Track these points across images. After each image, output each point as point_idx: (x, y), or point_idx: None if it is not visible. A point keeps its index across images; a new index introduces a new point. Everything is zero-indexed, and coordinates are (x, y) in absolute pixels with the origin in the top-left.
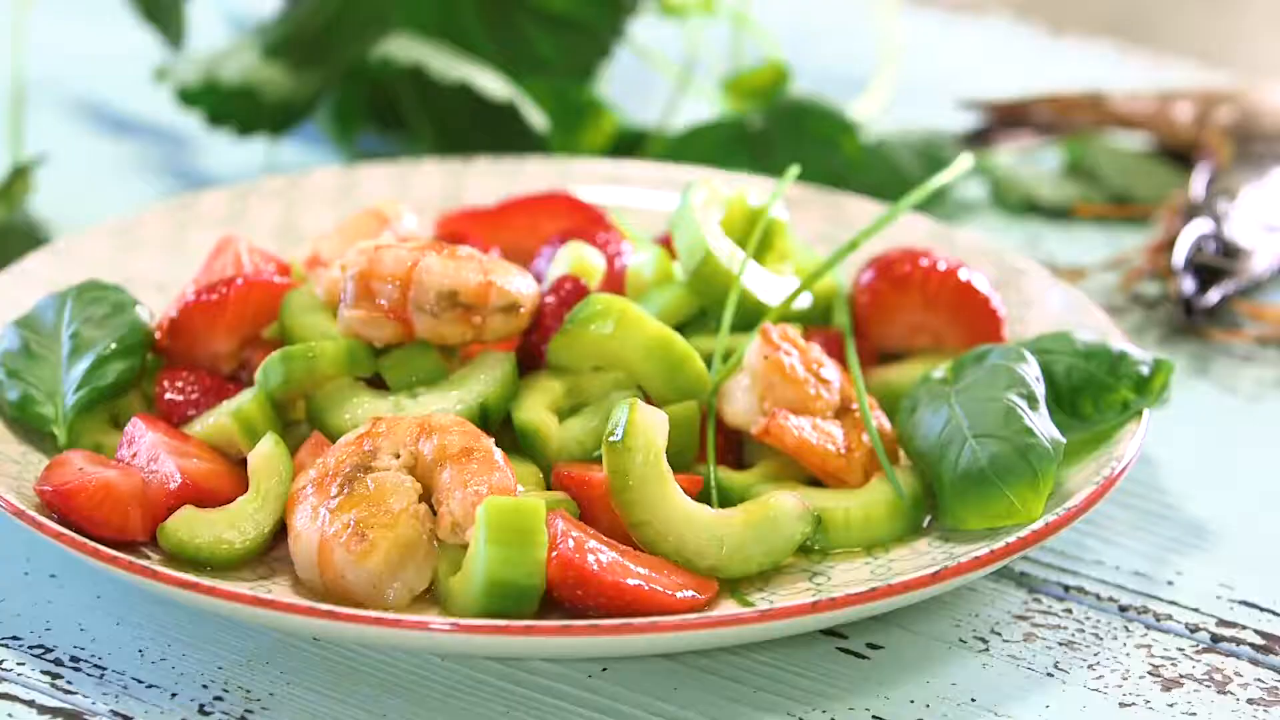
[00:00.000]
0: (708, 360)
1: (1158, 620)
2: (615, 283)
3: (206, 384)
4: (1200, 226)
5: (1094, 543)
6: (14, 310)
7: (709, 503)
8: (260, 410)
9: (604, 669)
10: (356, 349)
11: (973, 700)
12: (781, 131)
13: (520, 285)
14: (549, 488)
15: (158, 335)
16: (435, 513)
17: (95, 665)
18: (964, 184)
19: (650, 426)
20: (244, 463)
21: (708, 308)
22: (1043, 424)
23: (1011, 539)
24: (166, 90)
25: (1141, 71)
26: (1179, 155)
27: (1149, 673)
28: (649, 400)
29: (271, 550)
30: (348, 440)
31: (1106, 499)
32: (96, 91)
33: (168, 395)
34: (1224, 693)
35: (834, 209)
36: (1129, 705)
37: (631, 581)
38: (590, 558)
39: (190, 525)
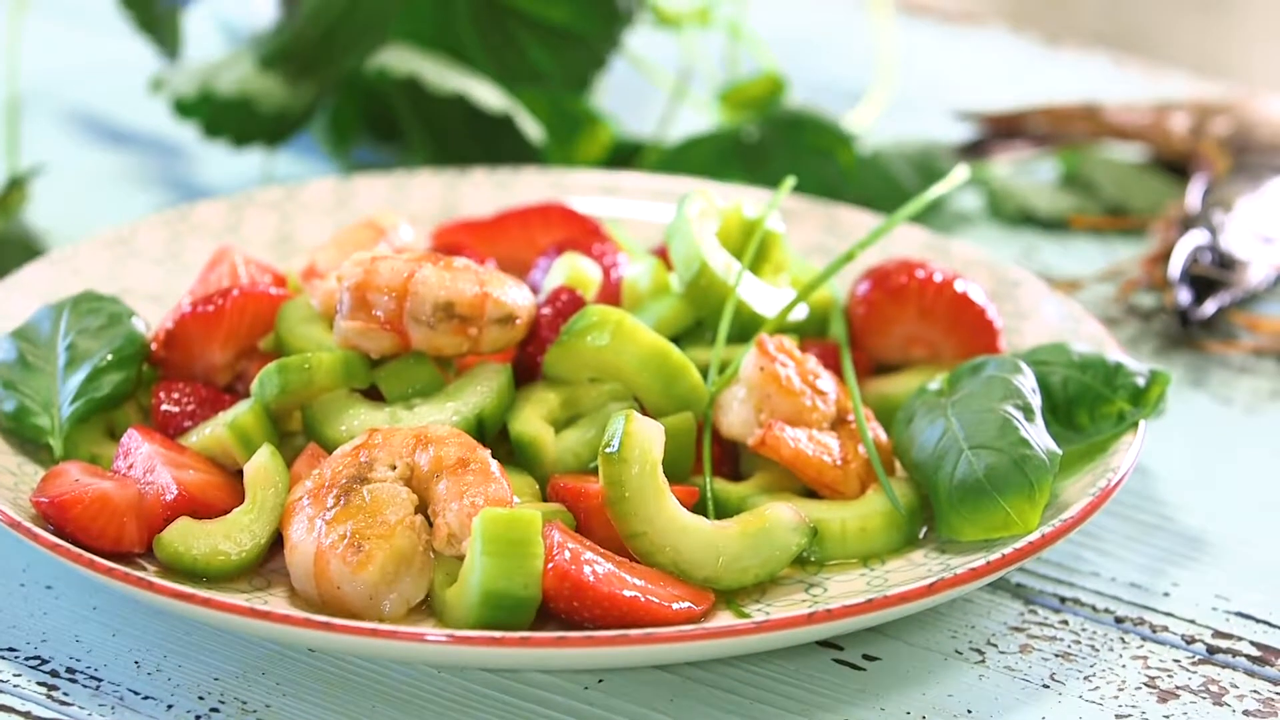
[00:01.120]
0: (704, 372)
1: (1154, 632)
2: (611, 294)
3: (202, 395)
4: (1196, 238)
5: (1090, 554)
6: (10, 321)
7: (705, 514)
8: (256, 421)
9: (600, 680)
10: (352, 360)
11: (969, 712)
12: (777, 143)
13: (516, 297)
14: (545, 499)
15: (154, 346)
16: (431, 524)
17: (91, 676)
18: (960, 195)
19: (646, 438)
20: (240, 474)
21: (704, 319)
22: (1039, 435)
23: (1008, 550)
24: (162, 101)
25: (1137, 83)
26: (1175, 166)
27: (1145, 684)
28: (645, 412)
29: (268, 561)
30: (344, 451)
31: (1103, 510)
32: (92, 102)
33: (164, 406)
34: (1220, 704)
35: (830, 220)
36: (1125, 717)
37: (627, 593)
38: (586, 569)
39: (186, 536)
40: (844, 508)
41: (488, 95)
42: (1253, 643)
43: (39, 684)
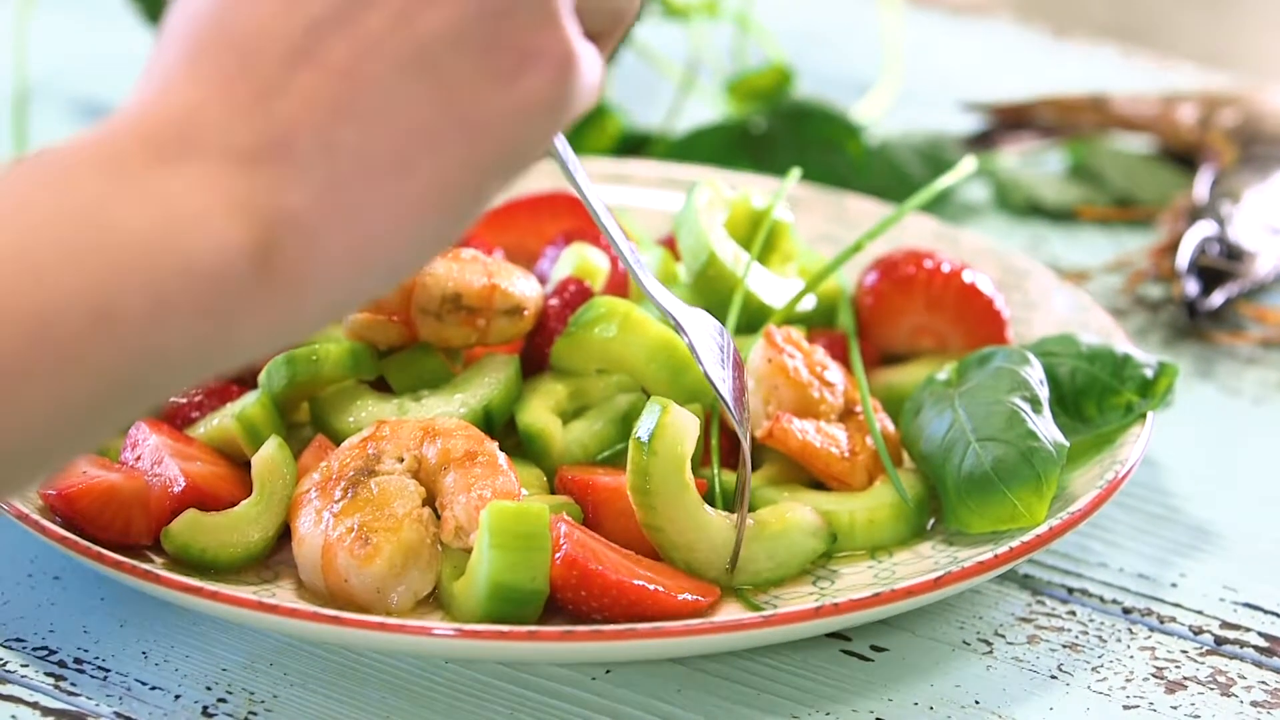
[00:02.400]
0: None
1: (1161, 623)
2: (619, 285)
3: (210, 387)
4: (1204, 229)
5: (1098, 545)
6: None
7: (713, 504)
8: (264, 413)
9: (608, 671)
10: (360, 352)
11: (976, 702)
12: (785, 133)
13: (524, 288)
14: (553, 491)
15: None
16: (439, 517)
17: (99, 667)
18: (967, 186)
19: (680, 431)
20: (248, 466)
21: (711, 310)
22: (1046, 427)
23: (1015, 542)
24: None
25: (1145, 74)
26: (1182, 157)
27: (1153, 675)
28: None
29: (275, 553)
30: (351, 444)
31: (1110, 502)
32: (99, 94)
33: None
34: (1228, 695)
35: (838, 210)
36: (1133, 707)
37: (636, 582)
38: (594, 560)
39: (194, 528)
40: (852, 499)
41: None
42: (1260, 633)
43: (47, 674)
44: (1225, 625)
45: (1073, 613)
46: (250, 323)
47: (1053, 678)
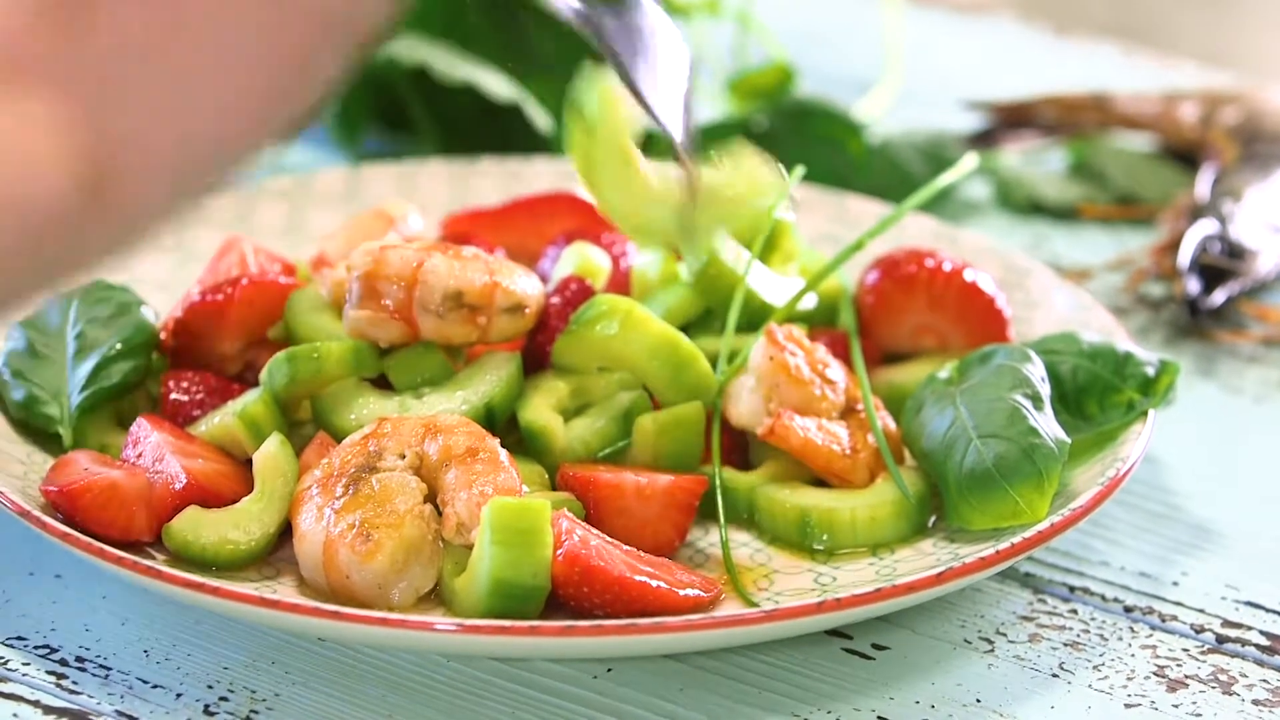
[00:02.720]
0: (713, 361)
1: (1163, 621)
2: (620, 283)
3: (212, 384)
4: (1205, 227)
5: (1099, 544)
6: (19, 310)
7: (714, 504)
8: (265, 410)
9: (609, 669)
10: (362, 349)
11: (978, 701)
12: (786, 132)
13: (525, 286)
14: (554, 488)
15: (163, 336)
16: (440, 513)
17: (100, 665)
18: (969, 184)
19: (614, 102)
20: (249, 463)
21: (713, 308)
22: (1048, 424)
23: (1017, 539)
24: None
25: (1146, 72)
26: (1184, 156)
27: (1154, 673)
28: (655, 403)
29: (276, 550)
30: (353, 440)
31: (1112, 500)
32: None
33: (173, 396)
34: (1229, 694)
35: (839, 209)
36: (1134, 706)
37: (638, 578)
38: (596, 554)
39: (195, 525)
40: (853, 497)
41: (497, 85)
42: (1262, 632)
43: (48, 673)
44: (1227, 624)
45: (1074, 611)
46: (86, 245)
47: (1054, 676)
